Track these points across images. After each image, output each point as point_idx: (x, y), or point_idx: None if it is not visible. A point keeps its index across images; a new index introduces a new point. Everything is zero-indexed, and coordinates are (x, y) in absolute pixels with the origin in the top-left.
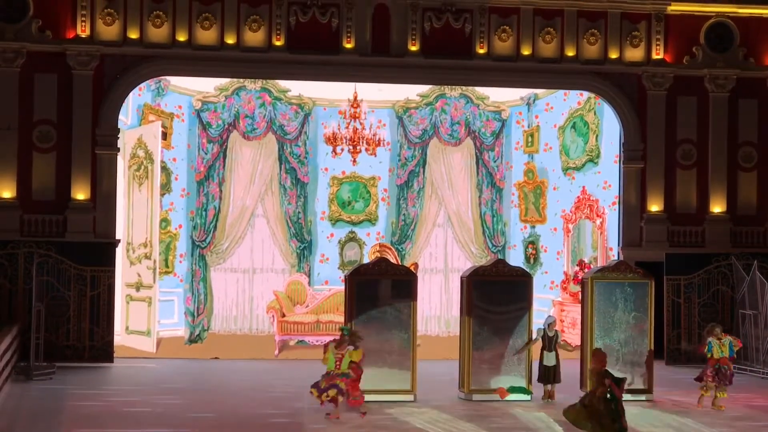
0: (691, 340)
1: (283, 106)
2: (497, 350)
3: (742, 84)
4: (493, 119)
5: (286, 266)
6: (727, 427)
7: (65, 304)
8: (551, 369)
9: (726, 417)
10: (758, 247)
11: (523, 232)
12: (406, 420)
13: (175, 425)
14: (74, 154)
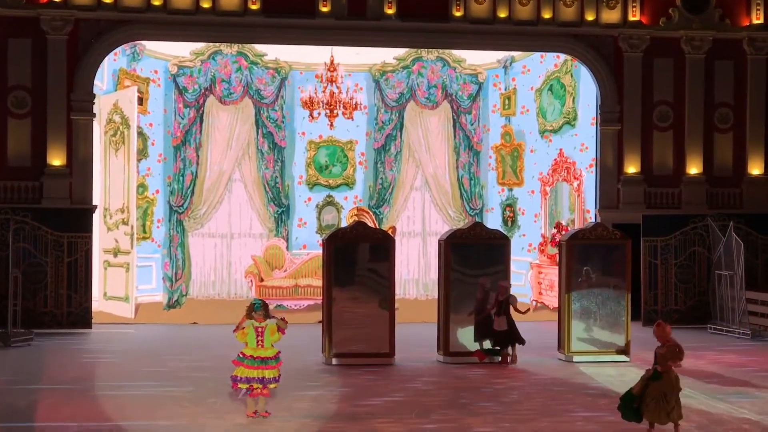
0: (668, 302)
1: (259, 70)
2: (475, 311)
3: (718, 45)
4: (470, 82)
5: (263, 231)
6: (702, 386)
7: (42, 271)
8: (502, 333)
9: (702, 375)
10: (734, 208)
11: (500, 195)
12: (384, 382)
13: (157, 386)
14: (50, 119)
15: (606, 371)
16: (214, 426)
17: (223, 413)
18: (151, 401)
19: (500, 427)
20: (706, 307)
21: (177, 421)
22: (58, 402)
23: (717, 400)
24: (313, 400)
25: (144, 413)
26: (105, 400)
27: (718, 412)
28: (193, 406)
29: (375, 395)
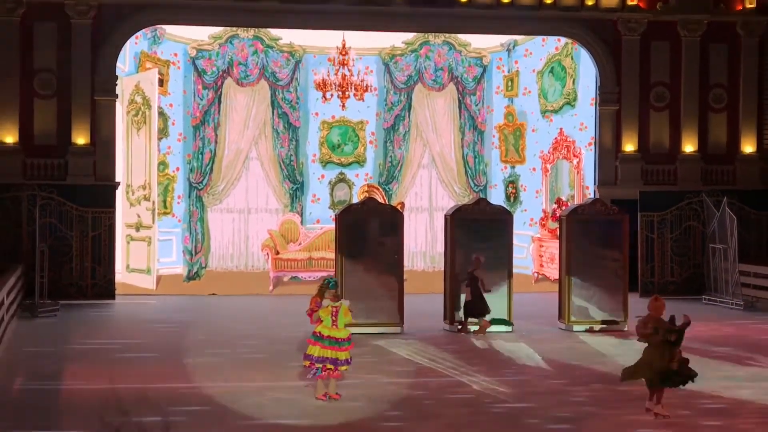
0: (664, 274)
1: (274, 53)
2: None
3: (713, 28)
4: (474, 65)
5: (279, 206)
6: (701, 354)
7: (68, 245)
8: (467, 304)
9: (699, 343)
10: (728, 184)
11: (503, 172)
12: (393, 350)
13: (178, 357)
14: (74, 100)
15: (605, 340)
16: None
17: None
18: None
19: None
20: (701, 279)
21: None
22: (84, 367)
23: (711, 369)
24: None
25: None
26: (130, 366)
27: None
28: (231, 372)
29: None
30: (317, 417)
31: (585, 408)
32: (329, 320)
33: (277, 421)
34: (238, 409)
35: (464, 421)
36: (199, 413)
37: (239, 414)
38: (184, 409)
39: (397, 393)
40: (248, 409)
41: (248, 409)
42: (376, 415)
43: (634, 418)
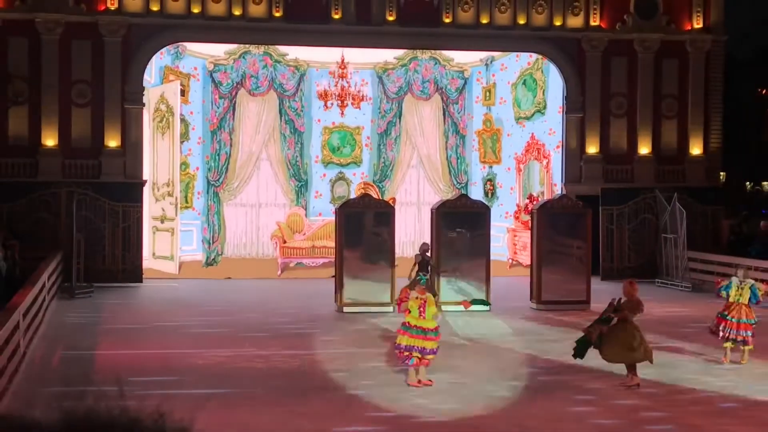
0: (622, 260)
1: (282, 67)
2: (461, 269)
3: (666, 46)
4: (457, 77)
5: (286, 201)
6: (653, 332)
7: (101, 235)
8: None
9: (652, 321)
10: (678, 182)
11: (482, 171)
12: (387, 327)
13: (200, 333)
14: (106, 108)
15: (569, 318)
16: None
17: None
18: (197, 340)
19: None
20: (654, 264)
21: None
22: (118, 339)
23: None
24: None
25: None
26: (156, 337)
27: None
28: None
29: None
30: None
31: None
32: (417, 311)
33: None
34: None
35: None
36: (202, 375)
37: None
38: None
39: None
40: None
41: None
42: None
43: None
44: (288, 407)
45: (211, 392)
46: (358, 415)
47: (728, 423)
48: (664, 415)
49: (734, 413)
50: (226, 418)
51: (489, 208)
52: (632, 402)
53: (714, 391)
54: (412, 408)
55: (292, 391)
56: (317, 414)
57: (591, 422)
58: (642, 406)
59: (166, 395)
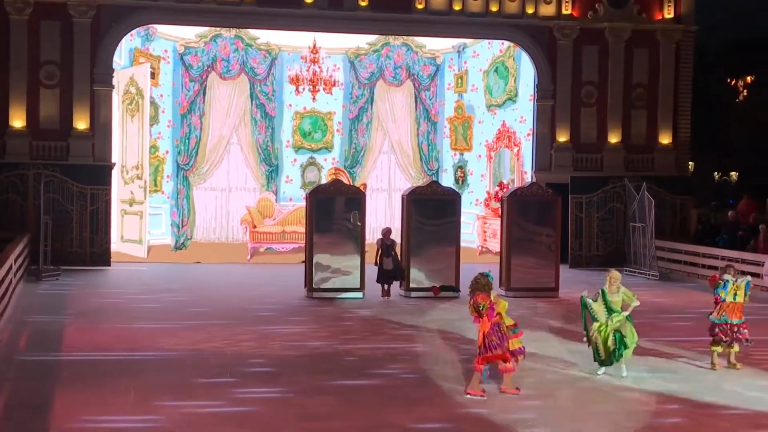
0: (591, 248)
1: (253, 51)
2: (432, 255)
3: (636, 35)
4: (429, 64)
5: (257, 186)
6: None
7: (69, 217)
8: (390, 272)
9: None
10: (647, 171)
11: (453, 158)
12: (356, 311)
13: (167, 317)
14: (75, 90)
15: (540, 304)
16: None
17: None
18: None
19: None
20: (623, 253)
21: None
22: (85, 324)
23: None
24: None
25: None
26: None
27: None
28: (193, 335)
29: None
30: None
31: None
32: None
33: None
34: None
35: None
36: (168, 359)
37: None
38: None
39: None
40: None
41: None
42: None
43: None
44: (254, 392)
45: (179, 377)
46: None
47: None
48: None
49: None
50: (248, 402)
51: (459, 195)
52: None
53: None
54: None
55: (259, 376)
56: (283, 400)
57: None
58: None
59: (132, 380)
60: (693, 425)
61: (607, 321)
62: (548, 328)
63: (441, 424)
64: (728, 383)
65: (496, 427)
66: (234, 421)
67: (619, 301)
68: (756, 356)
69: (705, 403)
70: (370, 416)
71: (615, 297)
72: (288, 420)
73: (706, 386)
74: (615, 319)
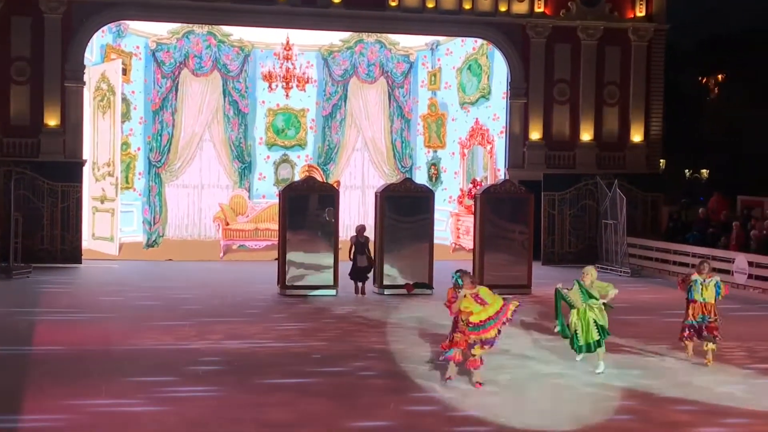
0: (563, 245)
1: (226, 47)
2: (405, 252)
3: (608, 33)
4: (402, 61)
5: (229, 183)
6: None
7: (40, 215)
8: (364, 269)
9: None
10: (619, 168)
11: (426, 155)
12: (330, 309)
13: (139, 316)
14: (46, 86)
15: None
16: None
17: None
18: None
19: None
20: (595, 250)
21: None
22: (53, 325)
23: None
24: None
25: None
26: (95, 325)
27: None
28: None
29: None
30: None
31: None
32: (476, 306)
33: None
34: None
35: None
36: (141, 359)
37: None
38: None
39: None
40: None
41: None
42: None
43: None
44: (229, 391)
45: (152, 377)
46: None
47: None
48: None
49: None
50: (167, 401)
51: (433, 192)
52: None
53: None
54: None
55: (233, 374)
56: (256, 399)
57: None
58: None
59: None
60: (653, 418)
61: (585, 306)
62: (520, 324)
63: (388, 422)
64: (697, 379)
65: (453, 421)
66: (136, 421)
67: (595, 294)
68: (728, 354)
69: (670, 398)
70: (303, 414)
71: (591, 290)
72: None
73: (674, 382)
74: (594, 305)
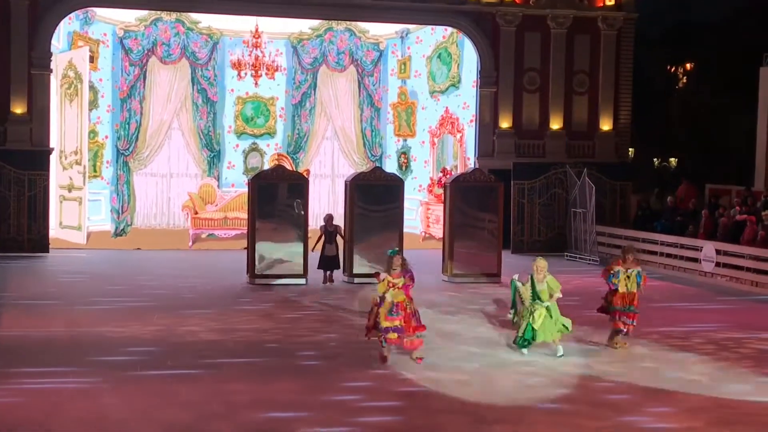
0: (532, 234)
1: (194, 35)
2: (375, 241)
3: (578, 22)
4: (372, 50)
5: (198, 171)
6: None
7: (6, 203)
8: (333, 258)
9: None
10: (588, 157)
11: (396, 144)
12: (298, 299)
13: (107, 306)
14: (12, 73)
15: (481, 289)
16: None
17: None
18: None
19: None
20: (563, 238)
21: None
22: (20, 314)
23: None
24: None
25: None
26: (67, 313)
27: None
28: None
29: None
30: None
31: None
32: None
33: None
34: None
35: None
36: (111, 350)
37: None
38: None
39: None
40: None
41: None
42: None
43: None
44: (204, 380)
45: (125, 363)
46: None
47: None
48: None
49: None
50: (138, 392)
51: (403, 181)
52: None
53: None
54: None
55: (206, 364)
56: (233, 388)
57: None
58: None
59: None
60: (586, 399)
61: (530, 307)
62: (486, 313)
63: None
64: (651, 362)
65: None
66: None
67: (545, 289)
68: (696, 340)
69: (618, 381)
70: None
71: (541, 285)
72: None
73: (626, 366)
74: (540, 306)
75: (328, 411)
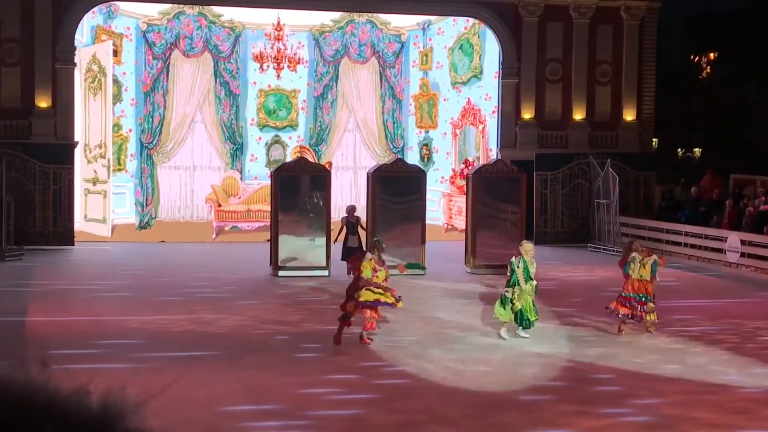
0: (555, 225)
1: (217, 28)
2: (397, 233)
3: (600, 12)
4: (394, 41)
5: (221, 164)
6: (580, 296)
7: (32, 197)
8: (355, 249)
9: (580, 286)
10: (611, 147)
11: (418, 136)
12: (320, 290)
13: (132, 297)
14: (37, 68)
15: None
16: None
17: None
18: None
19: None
20: (587, 229)
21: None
22: (47, 304)
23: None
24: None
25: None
26: (87, 303)
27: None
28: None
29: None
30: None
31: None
32: (370, 272)
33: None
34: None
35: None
36: (135, 340)
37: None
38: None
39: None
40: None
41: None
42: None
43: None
44: (225, 372)
45: (147, 357)
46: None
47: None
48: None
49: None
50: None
51: (425, 173)
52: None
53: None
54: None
55: (227, 356)
56: (255, 379)
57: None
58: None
59: (98, 362)
60: (573, 383)
61: (524, 288)
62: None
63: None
64: (645, 351)
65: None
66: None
67: (534, 271)
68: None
69: (603, 366)
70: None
71: (531, 267)
72: None
73: (618, 352)
74: (531, 285)
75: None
